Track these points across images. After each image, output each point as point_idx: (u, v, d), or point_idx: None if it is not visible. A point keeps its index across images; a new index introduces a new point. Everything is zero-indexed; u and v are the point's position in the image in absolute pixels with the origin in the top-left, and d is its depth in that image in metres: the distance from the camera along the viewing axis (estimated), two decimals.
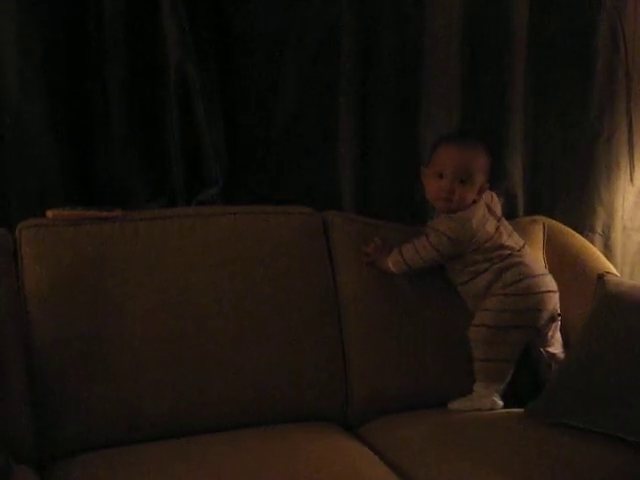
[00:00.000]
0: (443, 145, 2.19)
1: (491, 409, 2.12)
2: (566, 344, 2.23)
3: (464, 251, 2.15)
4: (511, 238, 2.21)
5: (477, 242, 2.15)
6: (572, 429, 1.93)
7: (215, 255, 2.09)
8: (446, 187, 2.14)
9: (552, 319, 2.20)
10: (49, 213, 2.03)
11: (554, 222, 2.47)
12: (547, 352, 2.19)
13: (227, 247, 2.10)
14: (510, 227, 2.24)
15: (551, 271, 2.30)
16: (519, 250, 2.20)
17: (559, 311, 2.22)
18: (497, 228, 2.19)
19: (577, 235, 2.47)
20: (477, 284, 2.17)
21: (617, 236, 2.65)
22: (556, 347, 2.21)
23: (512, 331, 2.14)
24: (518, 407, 2.09)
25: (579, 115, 2.56)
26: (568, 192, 2.59)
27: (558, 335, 2.23)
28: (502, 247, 2.17)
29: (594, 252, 2.43)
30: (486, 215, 2.18)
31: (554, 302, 2.20)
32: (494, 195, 2.26)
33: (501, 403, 2.13)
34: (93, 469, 1.83)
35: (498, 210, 2.24)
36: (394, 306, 2.19)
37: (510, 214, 2.42)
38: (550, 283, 2.21)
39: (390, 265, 2.18)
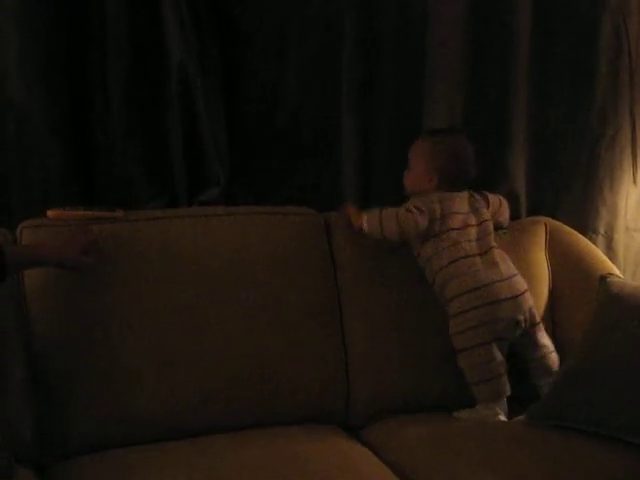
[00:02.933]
0: None
1: None
2: (567, 346, 2.21)
3: (433, 228, 2.12)
4: (481, 241, 2.16)
5: (445, 225, 2.12)
6: (573, 431, 1.93)
7: (216, 256, 2.08)
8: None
9: (517, 324, 2.11)
10: (50, 213, 2.03)
11: (557, 223, 2.47)
12: (529, 357, 2.16)
13: (228, 248, 2.10)
14: (491, 231, 2.19)
15: (553, 272, 2.29)
16: (475, 256, 2.13)
17: (527, 316, 2.12)
18: (471, 224, 2.15)
19: (580, 236, 2.46)
20: (431, 275, 2.15)
21: (620, 237, 2.64)
22: (538, 351, 2.15)
23: (480, 349, 2.08)
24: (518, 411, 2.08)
25: (582, 115, 2.55)
26: (571, 193, 2.58)
27: (539, 339, 2.15)
28: (461, 242, 2.13)
29: (597, 253, 2.42)
30: (456, 204, 2.15)
31: (513, 309, 2.11)
32: (502, 200, 2.27)
33: (505, 419, 2.08)
34: (94, 470, 1.84)
35: (503, 217, 2.26)
36: (396, 308, 2.18)
37: (513, 215, 2.41)
38: (505, 290, 2.11)
39: (364, 222, 2.14)
